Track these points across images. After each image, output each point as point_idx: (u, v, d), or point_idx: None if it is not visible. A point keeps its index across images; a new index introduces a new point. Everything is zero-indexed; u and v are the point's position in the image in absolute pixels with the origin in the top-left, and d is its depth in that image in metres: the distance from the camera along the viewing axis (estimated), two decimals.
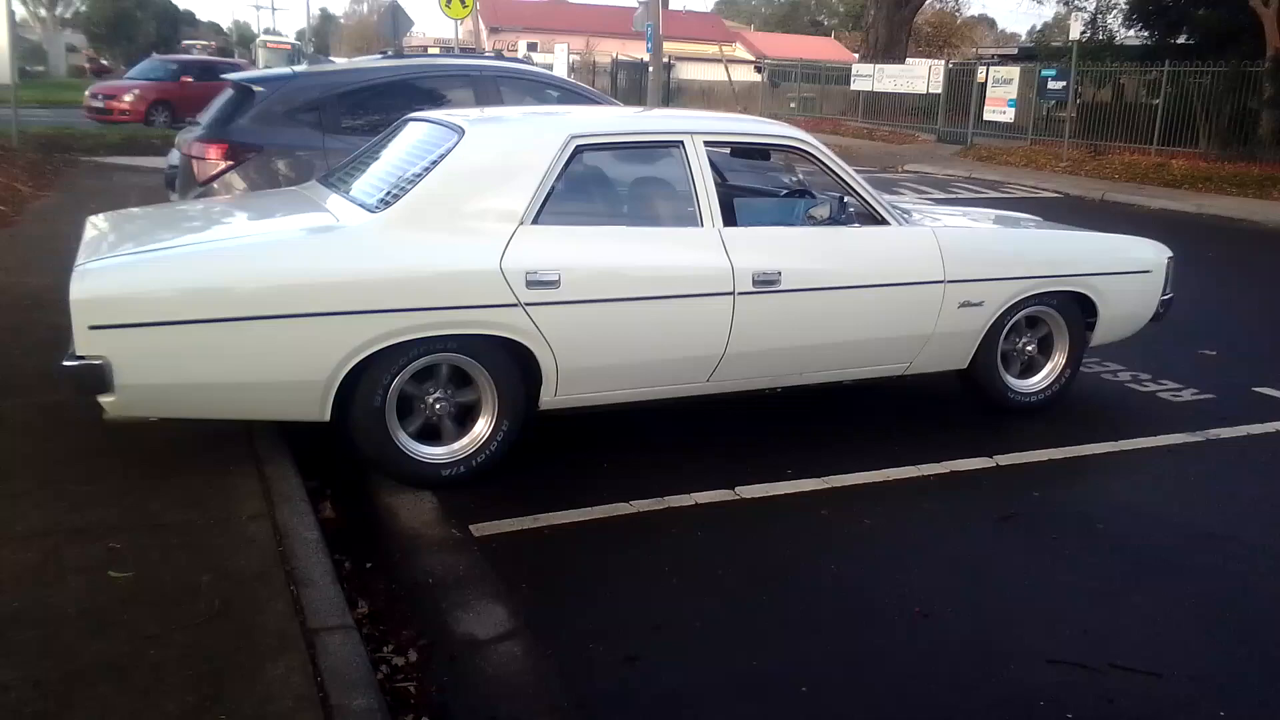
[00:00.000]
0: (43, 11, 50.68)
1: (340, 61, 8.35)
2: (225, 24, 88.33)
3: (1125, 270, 5.33)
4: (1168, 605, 3.43)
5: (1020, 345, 5.20)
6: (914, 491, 4.30)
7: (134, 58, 38.05)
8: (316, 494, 3.88)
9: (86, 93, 21.96)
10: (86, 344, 3.52)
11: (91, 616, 2.85)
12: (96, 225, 4.45)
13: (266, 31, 60.13)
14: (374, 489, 4.09)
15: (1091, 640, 3.18)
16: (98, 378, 3.52)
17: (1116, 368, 6.15)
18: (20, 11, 45.82)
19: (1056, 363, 5.27)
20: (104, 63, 48.78)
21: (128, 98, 20.89)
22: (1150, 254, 5.44)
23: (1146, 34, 23.68)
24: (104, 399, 3.59)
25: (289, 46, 38.90)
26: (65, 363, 3.57)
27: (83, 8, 55.95)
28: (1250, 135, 18.26)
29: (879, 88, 26.54)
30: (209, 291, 3.62)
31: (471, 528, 3.76)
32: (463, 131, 4.18)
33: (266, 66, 26.98)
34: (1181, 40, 22.28)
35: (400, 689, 2.79)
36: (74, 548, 3.23)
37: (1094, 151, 19.78)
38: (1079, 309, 5.22)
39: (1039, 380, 5.27)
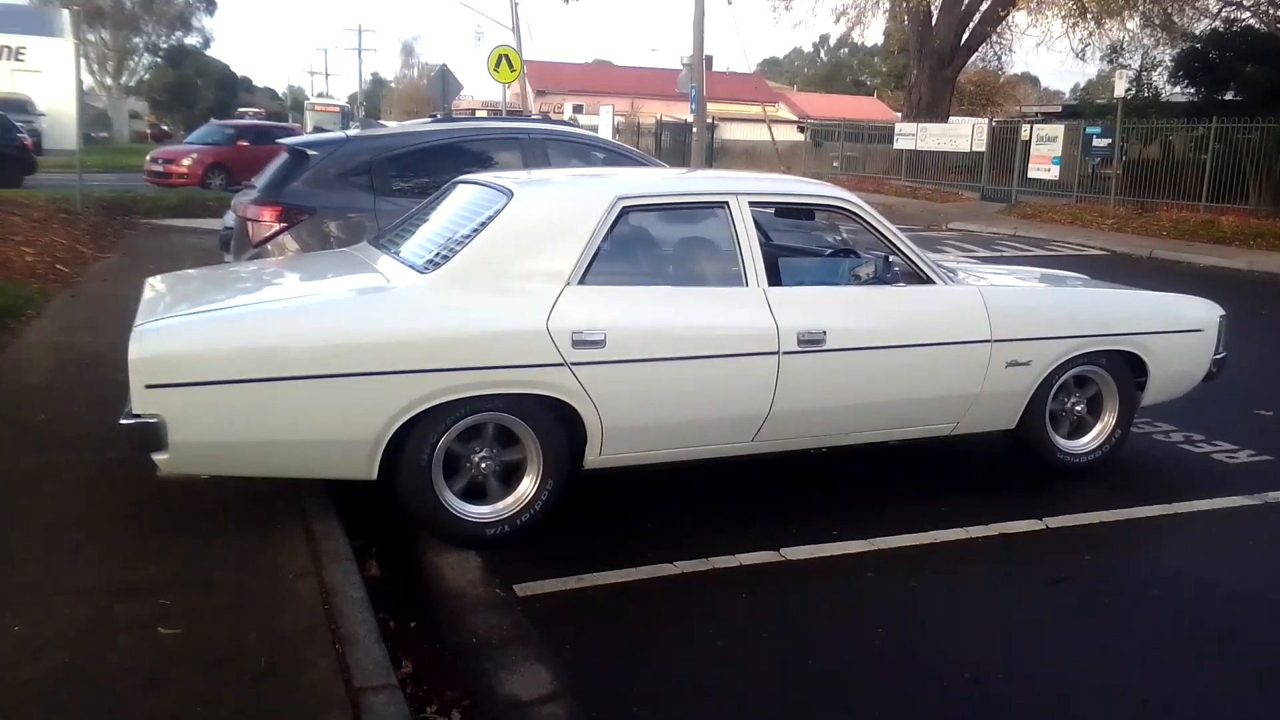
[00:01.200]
0: (108, 80, 52.60)
1: (391, 125, 8.55)
2: (280, 89, 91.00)
3: (1176, 329, 5.25)
4: (1227, 674, 3.33)
5: (1069, 405, 5.13)
6: (962, 554, 4.24)
7: (193, 123, 39.28)
8: (362, 552, 3.91)
9: (147, 157, 22.65)
10: (142, 402, 3.60)
11: (142, 673, 2.89)
12: (154, 286, 4.57)
13: (319, 95, 61.86)
14: (419, 548, 4.11)
15: (1150, 711, 3.10)
16: (153, 435, 3.59)
17: (1169, 428, 6.04)
18: (87, 80, 47.66)
19: (1106, 423, 5.19)
20: (164, 128, 50.42)
21: (186, 161, 21.51)
22: (1201, 312, 5.37)
23: (1193, 90, 23.56)
24: (158, 456, 3.66)
25: (337, 109, 39.99)
26: (122, 420, 3.66)
27: (146, 76, 58.00)
28: None
29: (922, 146, 26.58)
30: (262, 351, 3.70)
31: (515, 588, 3.76)
32: (511, 193, 4.26)
33: (316, 128, 27.72)
34: (1229, 96, 22.13)
35: None
36: (125, 604, 3.28)
37: (1141, 208, 19.59)
38: (1129, 368, 5.15)
39: (1089, 440, 5.18)
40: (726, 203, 4.41)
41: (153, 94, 57.76)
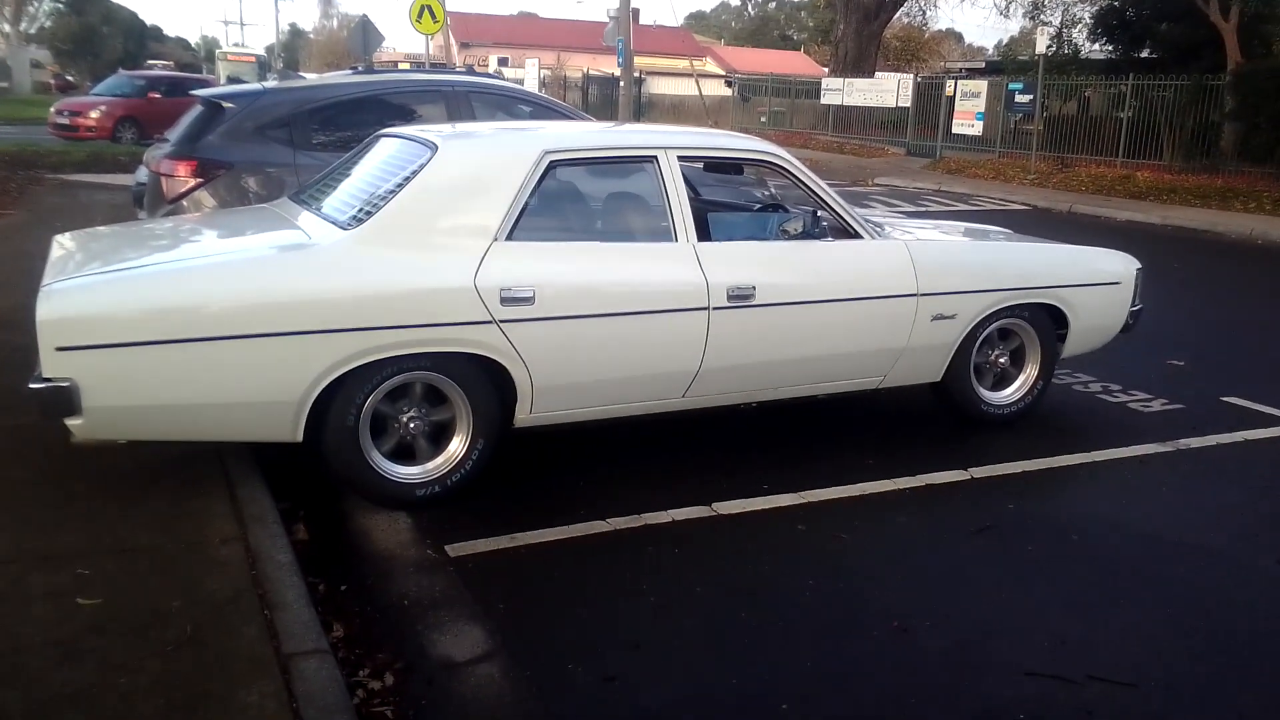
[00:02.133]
0: (6, 27, 50.12)
1: (311, 77, 8.30)
2: (193, 39, 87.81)
3: (1095, 282, 5.38)
4: (1142, 616, 3.46)
5: (993, 357, 5.23)
6: (889, 505, 4.31)
7: (100, 74, 37.70)
8: (289, 516, 3.83)
9: (52, 109, 21.74)
10: (53, 366, 3.46)
11: (59, 645, 2.80)
12: (63, 244, 4.39)
13: (234, 46, 59.73)
14: (347, 510, 4.05)
15: (1069, 652, 3.19)
16: (65, 400, 3.46)
17: (1088, 379, 6.21)
18: None
19: (1029, 374, 5.31)
20: (69, 79, 48.32)
21: (94, 114, 20.70)
22: (1119, 265, 5.50)
23: (1111, 48, 24.02)
24: (71, 422, 3.53)
25: (253, 59, 38.43)
26: (31, 385, 3.51)
27: (48, 23, 55.42)
28: (1213, 148, 18.53)
29: (849, 101, 26.74)
30: (178, 311, 3.58)
31: (447, 548, 3.73)
32: (436, 147, 4.16)
33: (230, 80, 26.80)
34: (1145, 54, 22.62)
35: (377, 713, 2.75)
36: (40, 574, 3.17)
37: (1061, 164, 20.03)
38: (1050, 321, 5.26)
39: (1012, 392, 5.30)
40: (655, 157, 4.37)
41: (55, 42, 55.29)
